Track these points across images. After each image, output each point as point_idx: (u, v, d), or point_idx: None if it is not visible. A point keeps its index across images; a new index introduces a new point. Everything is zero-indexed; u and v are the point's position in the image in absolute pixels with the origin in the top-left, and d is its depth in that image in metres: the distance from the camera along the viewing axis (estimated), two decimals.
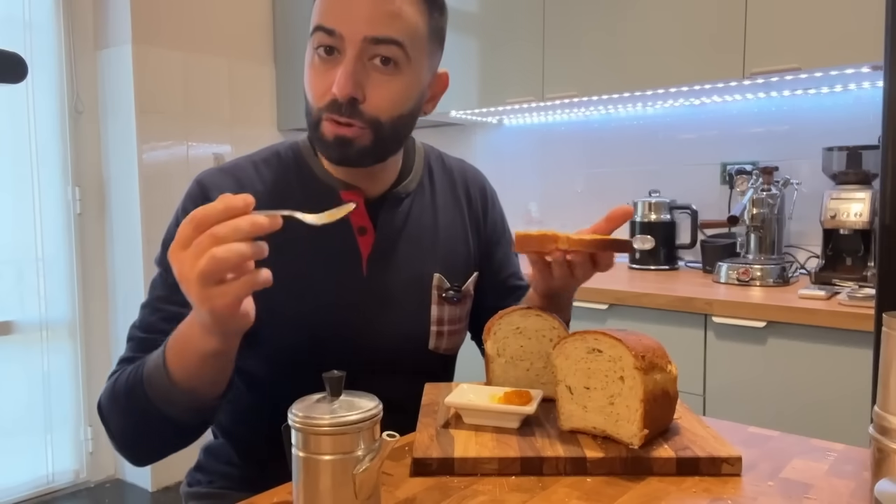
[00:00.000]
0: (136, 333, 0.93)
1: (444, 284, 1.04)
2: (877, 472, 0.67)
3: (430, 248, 1.04)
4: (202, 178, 0.99)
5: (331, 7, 0.89)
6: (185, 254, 0.66)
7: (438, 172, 1.11)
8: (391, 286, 1.00)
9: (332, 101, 0.88)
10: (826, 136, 2.15)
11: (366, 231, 0.99)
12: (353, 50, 0.88)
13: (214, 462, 1.08)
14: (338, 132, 0.90)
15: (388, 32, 0.88)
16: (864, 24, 1.81)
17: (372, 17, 0.87)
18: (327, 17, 0.88)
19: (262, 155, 1.03)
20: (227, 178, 0.98)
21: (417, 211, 1.05)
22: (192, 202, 0.96)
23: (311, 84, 0.92)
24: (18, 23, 2.62)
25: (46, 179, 2.74)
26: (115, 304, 2.92)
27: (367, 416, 0.63)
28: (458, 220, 1.10)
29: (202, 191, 0.97)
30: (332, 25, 0.88)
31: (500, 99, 2.60)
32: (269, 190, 0.98)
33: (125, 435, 0.87)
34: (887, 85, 0.89)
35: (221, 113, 3.07)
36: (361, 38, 0.87)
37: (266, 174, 1.00)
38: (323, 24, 0.88)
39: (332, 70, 0.89)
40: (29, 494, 2.74)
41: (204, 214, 0.65)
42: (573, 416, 0.84)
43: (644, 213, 2.44)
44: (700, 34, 2.10)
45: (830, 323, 1.66)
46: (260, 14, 3.21)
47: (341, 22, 0.87)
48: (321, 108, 0.90)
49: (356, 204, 0.79)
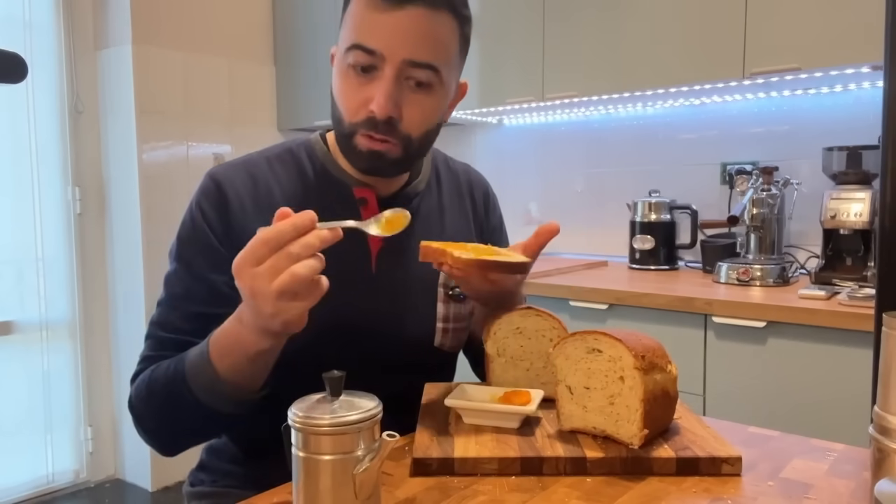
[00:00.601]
0: (156, 332, 0.95)
1: (449, 283, 1.06)
2: (877, 472, 0.67)
3: None
4: (215, 172, 1.00)
5: (373, 27, 0.89)
6: (259, 271, 0.71)
7: (445, 174, 1.14)
8: (399, 283, 1.02)
9: (370, 118, 0.91)
10: (826, 136, 2.15)
11: None
12: (392, 70, 0.89)
13: (218, 461, 1.09)
14: (372, 147, 0.93)
15: (427, 58, 0.90)
16: (864, 24, 1.81)
17: (414, 41, 0.89)
18: (369, 36, 0.89)
19: (274, 151, 1.04)
20: (241, 173, 0.99)
21: (425, 211, 1.07)
22: (207, 197, 0.97)
23: (346, 97, 0.93)
24: (18, 23, 2.62)
25: (46, 179, 2.74)
26: (115, 304, 2.92)
27: (367, 416, 0.63)
28: (462, 222, 1.13)
29: (217, 185, 0.98)
30: (374, 46, 0.89)
31: (500, 99, 2.60)
32: (282, 185, 1.00)
33: (161, 429, 0.91)
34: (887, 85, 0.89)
35: (221, 113, 3.07)
36: (401, 60, 0.89)
37: (279, 170, 1.01)
38: (364, 44, 0.89)
39: (368, 85, 0.91)
40: (29, 494, 2.74)
41: (277, 234, 0.71)
42: (573, 416, 0.84)
43: (644, 213, 2.44)
44: (700, 34, 2.10)
45: (830, 323, 1.65)
46: (260, 14, 3.21)
47: (383, 43, 0.89)
48: (356, 122, 0.92)
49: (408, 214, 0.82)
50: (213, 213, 0.96)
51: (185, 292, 0.94)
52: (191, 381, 0.84)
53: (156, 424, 0.91)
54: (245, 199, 0.97)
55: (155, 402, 0.89)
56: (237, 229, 0.95)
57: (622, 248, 2.54)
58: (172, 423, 0.90)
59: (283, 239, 0.70)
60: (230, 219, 0.96)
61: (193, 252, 0.96)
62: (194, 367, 0.85)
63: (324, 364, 0.75)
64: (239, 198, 0.97)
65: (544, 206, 2.94)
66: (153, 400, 0.89)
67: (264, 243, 0.71)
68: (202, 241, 0.95)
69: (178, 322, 0.93)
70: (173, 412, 0.88)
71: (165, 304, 0.96)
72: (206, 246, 0.95)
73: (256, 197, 0.98)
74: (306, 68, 3.12)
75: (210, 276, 0.94)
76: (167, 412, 0.89)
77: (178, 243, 0.98)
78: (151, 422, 0.91)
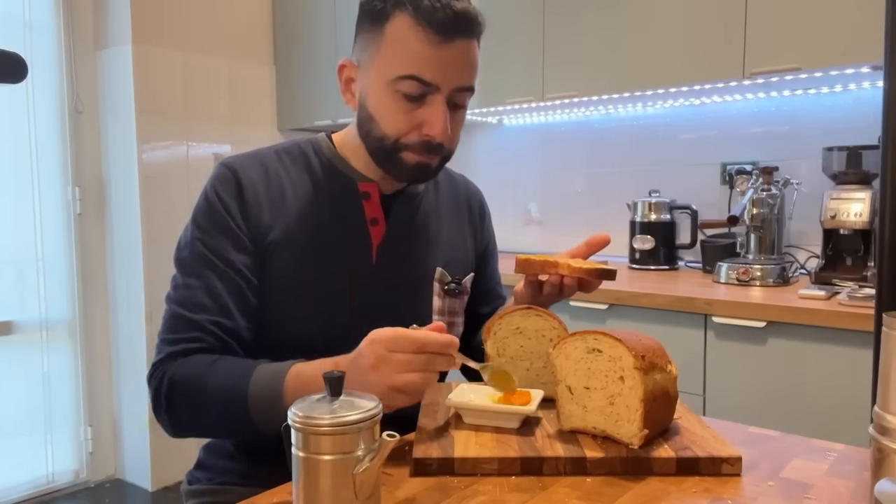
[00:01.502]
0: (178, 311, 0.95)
1: (445, 278, 1.11)
2: (877, 472, 0.67)
3: (434, 244, 1.11)
4: (230, 162, 1.02)
5: (429, 60, 0.94)
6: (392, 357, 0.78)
7: (444, 181, 1.19)
8: (398, 275, 1.06)
9: (427, 142, 0.96)
10: (826, 136, 2.15)
11: (378, 222, 1.05)
12: (443, 97, 0.96)
13: (215, 458, 1.09)
14: (421, 161, 0.98)
15: (470, 82, 0.99)
16: (864, 24, 1.81)
17: (462, 71, 0.96)
18: (426, 69, 0.94)
19: (283, 145, 1.08)
20: (254, 163, 1.03)
21: (424, 211, 1.12)
22: (223, 184, 0.99)
23: (395, 120, 0.96)
24: (18, 23, 2.62)
25: (46, 179, 2.73)
26: (115, 304, 2.92)
27: (367, 416, 0.63)
28: (459, 226, 1.18)
29: (233, 173, 1.00)
30: (431, 79, 0.94)
31: (500, 99, 2.60)
32: (291, 177, 1.03)
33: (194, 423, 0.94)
34: (887, 85, 0.89)
35: (221, 113, 3.07)
36: (453, 87, 0.96)
37: (288, 163, 1.05)
38: (422, 77, 0.94)
39: (418, 109, 0.96)
40: (29, 494, 2.74)
41: (427, 338, 0.78)
42: (573, 416, 0.84)
43: (644, 213, 2.44)
44: (700, 34, 2.10)
45: (830, 323, 1.65)
46: (260, 14, 3.21)
47: (440, 76, 0.94)
48: (409, 144, 0.97)
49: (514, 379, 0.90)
50: (230, 199, 0.98)
51: (208, 271, 0.95)
52: (252, 407, 0.86)
53: (189, 419, 0.93)
54: (259, 188, 1.00)
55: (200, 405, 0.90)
56: (252, 214, 0.98)
57: (622, 249, 2.54)
58: (208, 427, 0.95)
59: (430, 346, 0.77)
60: (246, 205, 0.98)
61: (214, 233, 0.97)
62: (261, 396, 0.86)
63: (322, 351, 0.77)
64: (253, 186, 1.00)
65: (544, 206, 2.94)
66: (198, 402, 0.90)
67: (412, 341, 0.77)
68: (221, 224, 0.98)
69: (204, 300, 0.94)
70: (218, 421, 0.91)
71: (185, 283, 0.96)
72: (226, 228, 0.97)
73: (269, 186, 1.01)
74: (306, 68, 3.12)
75: (232, 255, 0.96)
76: (210, 418, 0.91)
77: (194, 226, 0.99)
78: (184, 416, 0.93)
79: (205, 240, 0.97)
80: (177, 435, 0.96)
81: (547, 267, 1.00)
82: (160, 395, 0.93)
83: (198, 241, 0.98)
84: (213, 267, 0.96)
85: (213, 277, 0.95)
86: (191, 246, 0.98)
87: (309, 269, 1.00)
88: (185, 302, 0.95)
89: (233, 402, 0.87)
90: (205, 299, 0.94)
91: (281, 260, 0.99)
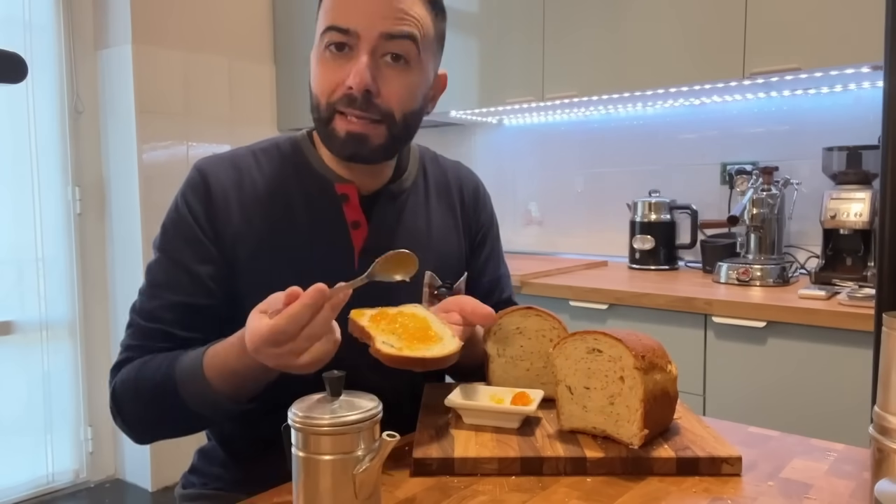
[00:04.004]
0: (136, 320, 0.96)
1: (435, 282, 1.05)
2: (877, 472, 0.67)
3: (422, 245, 1.04)
4: (202, 165, 1.00)
5: (342, 7, 0.90)
6: (280, 352, 0.73)
7: (433, 173, 1.12)
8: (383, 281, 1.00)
9: (346, 94, 0.90)
10: (826, 136, 2.15)
11: (359, 225, 1.00)
12: (367, 45, 0.89)
13: (207, 464, 1.09)
14: (350, 129, 0.91)
15: (403, 28, 0.90)
16: (864, 24, 1.81)
17: (386, 14, 0.89)
18: (341, 16, 0.90)
19: (261, 145, 1.05)
20: (227, 166, 1.00)
21: (411, 210, 1.06)
22: (193, 190, 0.98)
23: (322, 79, 0.93)
24: (18, 23, 2.62)
25: (46, 179, 2.73)
26: (115, 304, 2.92)
27: (367, 416, 0.63)
28: (450, 223, 1.11)
29: (202, 178, 0.98)
30: (347, 24, 0.89)
31: (500, 99, 2.59)
32: (266, 179, 1.00)
33: (142, 421, 0.93)
34: (887, 85, 0.89)
35: (221, 113, 3.07)
36: (377, 34, 0.89)
37: (264, 164, 1.01)
38: (337, 24, 0.90)
39: (344, 66, 0.90)
40: (29, 494, 2.74)
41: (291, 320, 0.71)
42: (573, 416, 0.84)
43: (644, 213, 2.44)
44: (700, 34, 2.10)
45: (830, 323, 1.65)
46: (260, 14, 3.21)
47: (356, 20, 0.89)
48: (332, 102, 0.92)
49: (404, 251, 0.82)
50: (198, 206, 0.96)
51: (167, 282, 0.95)
52: (181, 389, 0.86)
53: (137, 419, 0.93)
54: (229, 192, 0.97)
55: (141, 400, 0.90)
56: (221, 221, 0.96)
57: (622, 248, 2.54)
58: (155, 422, 0.93)
59: (301, 323, 0.71)
60: (215, 211, 0.96)
61: (178, 243, 0.96)
62: (186, 377, 0.86)
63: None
64: (223, 190, 0.97)
65: (544, 206, 2.94)
66: (140, 398, 0.90)
67: (282, 332, 0.71)
68: (187, 233, 0.96)
69: (159, 311, 0.94)
70: (159, 413, 0.90)
71: (147, 292, 0.96)
72: (191, 238, 0.96)
73: (241, 189, 0.98)
74: (306, 68, 3.10)
75: (193, 267, 0.94)
76: (152, 412, 0.90)
77: (162, 234, 0.99)
78: (133, 416, 0.93)
79: (168, 249, 0.97)
80: (139, 439, 0.97)
81: (364, 335, 0.82)
82: (112, 402, 0.94)
83: (161, 252, 0.97)
84: (173, 278, 0.94)
85: (171, 290, 0.94)
86: (156, 254, 0.98)
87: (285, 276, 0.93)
88: (141, 310, 0.95)
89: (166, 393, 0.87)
90: (159, 310, 0.94)
91: (255, 266, 0.95)
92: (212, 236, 0.95)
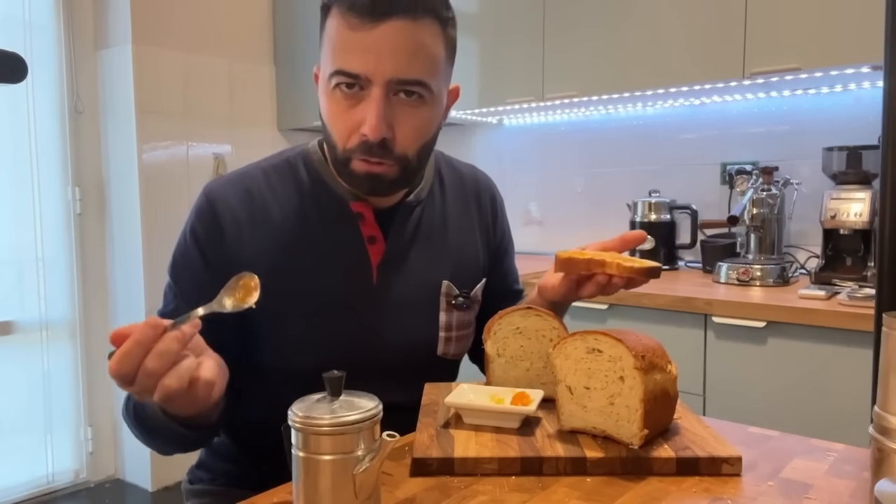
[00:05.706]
0: None
1: (452, 291, 1.04)
2: (877, 472, 0.67)
3: (439, 255, 1.04)
4: (211, 189, 0.98)
5: (352, 49, 0.86)
6: (135, 390, 0.68)
7: (449, 178, 1.11)
8: (401, 294, 1.00)
9: (364, 142, 0.88)
10: (826, 136, 2.15)
11: (375, 240, 0.99)
12: (379, 91, 0.86)
13: (216, 460, 1.09)
14: (370, 170, 0.90)
15: (415, 74, 0.87)
16: (864, 24, 1.81)
17: (398, 58, 0.85)
18: (349, 60, 0.86)
19: (271, 161, 1.02)
20: (237, 189, 0.97)
21: (428, 218, 1.05)
22: (201, 219, 0.96)
23: (336, 121, 0.91)
24: (18, 23, 2.62)
25: (46, 179, 2.73)
26: (115, 304, 2.92)
27: (367, 416, 0.63)
28: (468, 227, 1.11)
29: (210, 205, 0.96)
30: (356, 70, 0.86)
31: (500, 99, 2.59)
32: (279, 200, 0.98)
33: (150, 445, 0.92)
34: (887, 85, 0.89)
35: (221, 113, 3.07)
36: (387, 80, 0.86)
37: (276, 183, 0.99)
38: (345, 70, 0.86)
39: (357, 106, 0.88)
40: (29, 494, 2.74)
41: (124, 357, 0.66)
42: (573, 416, 0.84)
43: (644, 213, 2.44)
44: (700, 34, 2.10)
45: (830, 323, 1.65)
46: (260, 14, 3.21)
47: (365, 66, 0.85)
48: (351, 149, 0.90)
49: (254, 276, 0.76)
50: (206, 235, 0.95)
51: (175, 310, 0.94)
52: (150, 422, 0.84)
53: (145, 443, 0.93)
54: (241, 216, 0.95)
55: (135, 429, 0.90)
56: (232, 249, 0.94)
57: None
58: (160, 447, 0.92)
59: (134, 361, 0.66)
60: (224, 239, 0.94)
61: (185, 274, 0.96)
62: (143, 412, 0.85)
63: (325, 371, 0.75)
64: (233, 216, 0.95)
65: (544, 206, 2.94)
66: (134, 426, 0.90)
67: (115, 372, 0.67)
68: (193, 265, 0.95)
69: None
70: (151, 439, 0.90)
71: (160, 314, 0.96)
72: (196, 271, 0.95)
73: (252, 213, 0.96)
74: (306, 68, 3.11)
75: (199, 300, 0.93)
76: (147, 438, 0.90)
77: (172, 262, 0.98)
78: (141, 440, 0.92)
79: (176, 280, 0.96)
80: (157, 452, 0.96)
81: (593, 266, 0.92)
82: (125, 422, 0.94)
83: (172, 279, 0.97)
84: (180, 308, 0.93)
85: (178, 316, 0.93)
86: (168, 280, 0.98)
87: (303, 295, 0.95)
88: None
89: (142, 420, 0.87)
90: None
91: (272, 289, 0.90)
92: (218, 266, 0.92)
